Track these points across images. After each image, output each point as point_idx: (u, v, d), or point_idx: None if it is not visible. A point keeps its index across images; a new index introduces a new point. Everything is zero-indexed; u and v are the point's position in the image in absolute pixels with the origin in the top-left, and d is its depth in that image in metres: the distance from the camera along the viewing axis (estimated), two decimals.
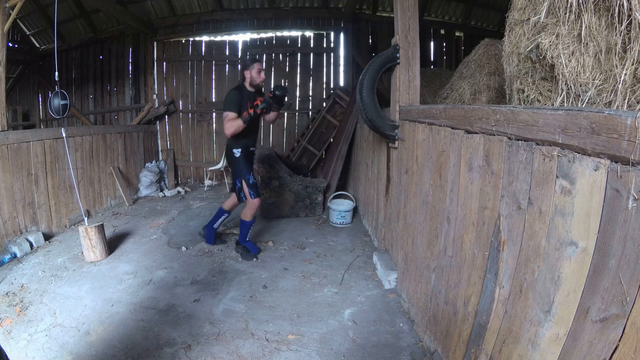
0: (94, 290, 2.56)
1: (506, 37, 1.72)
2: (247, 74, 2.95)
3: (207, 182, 6.13)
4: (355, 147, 4.74)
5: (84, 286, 2.62)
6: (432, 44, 6.49)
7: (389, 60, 2.49)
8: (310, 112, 6.23)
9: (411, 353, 1.91)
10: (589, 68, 1.24)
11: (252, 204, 3.03)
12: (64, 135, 3.50)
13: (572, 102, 1.33)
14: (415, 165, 2.16)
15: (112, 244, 3.35)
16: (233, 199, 3.26)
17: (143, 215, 4.48)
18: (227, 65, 6.36)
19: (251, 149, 3.11)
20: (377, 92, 2.56)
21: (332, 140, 5.39)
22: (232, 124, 2.82)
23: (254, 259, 3.09)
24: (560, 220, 0.97)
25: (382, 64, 2.49)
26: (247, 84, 2.99)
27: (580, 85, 1.27)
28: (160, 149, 6.48)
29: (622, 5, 1.07)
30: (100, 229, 3.08)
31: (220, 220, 3.39)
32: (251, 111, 2.86)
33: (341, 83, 6.16)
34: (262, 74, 3.00)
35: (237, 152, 2.99)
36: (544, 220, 1.03)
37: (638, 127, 0.72)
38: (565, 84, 1.33)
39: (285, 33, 6.22)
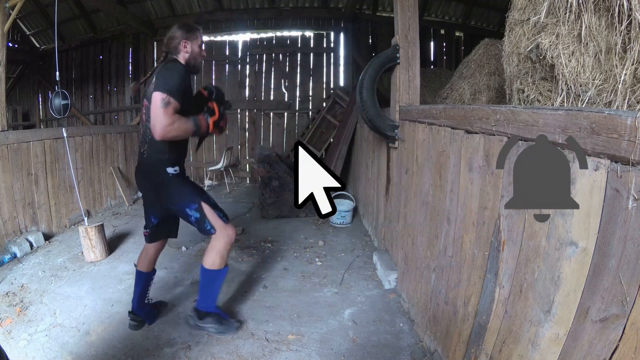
0: (94, 290, 2.56)
1: (506, 37, 1.72)
2: (184, 45, 1.86)
3: (207, 182, 6.13)
4: (355, 147, 4.73)
5: (84, 286, 2.62)
6: (432, 44, 6.50)
7: (389, 60, 2.49)
8: (310, 112, 6.23)
9: (411, 353, 1.91)
10: (589, 68, 1.24)
11: (225, 236, 1.93)
12: (64, 135, 3.50)
13: (572, 102, 1.33)
14: (415, 165, 2.16)
15: (112, 244, 3.35)
16: (149, 250, 2.24)
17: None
18: (227, 65, 6.37)
19: (183, 168, 2.02)
20: (377, 92, 2.56)
21: (332, 140, 5.38)
22: (181, 122, 1.70)
23: (237, 326, 2.09)
24: (560, 220, 0.97)
25: (382, 64, 2.49)
26: (181, 60, 1.87)
27: (580, 85, 1.27)
28: None
29: (622, 5, 1.07)
30: (100, 229, 3.08)
31: (148, 288, 2.21)
32: (215, 119, 1.87)
33: (341, 83, 6.16)
34: (204, 53, 1.98)
35: (172, 170, 1.91)
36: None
37: (638, 127, 0.72)
38: (565, 84, 1.33)
39: (285, 33, 6.23)
